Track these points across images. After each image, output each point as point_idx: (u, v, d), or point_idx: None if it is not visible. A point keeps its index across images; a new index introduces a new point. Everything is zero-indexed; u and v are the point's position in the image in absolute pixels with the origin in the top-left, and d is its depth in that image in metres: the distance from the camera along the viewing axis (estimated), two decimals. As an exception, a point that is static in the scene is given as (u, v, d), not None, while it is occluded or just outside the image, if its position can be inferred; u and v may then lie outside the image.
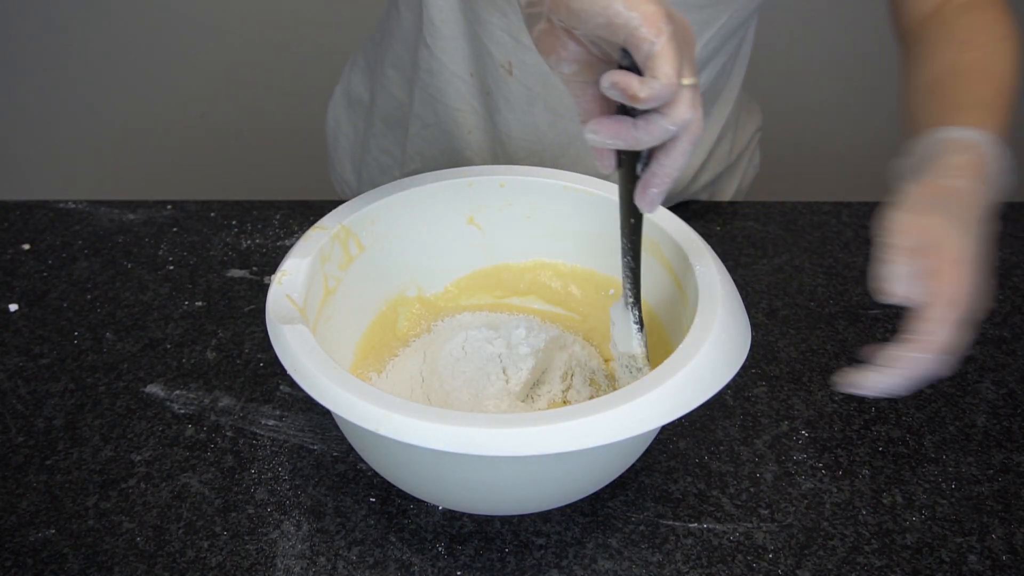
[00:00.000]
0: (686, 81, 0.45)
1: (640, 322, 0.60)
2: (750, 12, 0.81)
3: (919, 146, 0.64)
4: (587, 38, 0.47)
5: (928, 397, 0.73)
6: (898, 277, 0.54)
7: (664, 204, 0.71)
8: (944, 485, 0.65)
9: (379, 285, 0.72)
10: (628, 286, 0.59)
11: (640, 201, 0.51)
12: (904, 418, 0.71)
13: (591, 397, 0.68)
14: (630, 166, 0.51)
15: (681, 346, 0.54)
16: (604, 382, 0.70)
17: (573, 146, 0.87)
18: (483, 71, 0.83)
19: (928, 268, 0.54)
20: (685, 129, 0.47)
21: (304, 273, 0.61)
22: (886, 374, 0.53)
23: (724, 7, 0.78)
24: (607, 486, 0.63)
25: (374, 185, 0.99)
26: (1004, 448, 0.68)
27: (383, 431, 0.49)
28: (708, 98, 0.89)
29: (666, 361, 0.53)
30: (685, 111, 0.45)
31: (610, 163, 0.51)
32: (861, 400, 0.72)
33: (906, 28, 0.78)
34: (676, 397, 0.51)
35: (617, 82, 0.44)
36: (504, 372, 0.67)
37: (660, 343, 0.67)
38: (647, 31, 0.43)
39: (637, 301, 0.60)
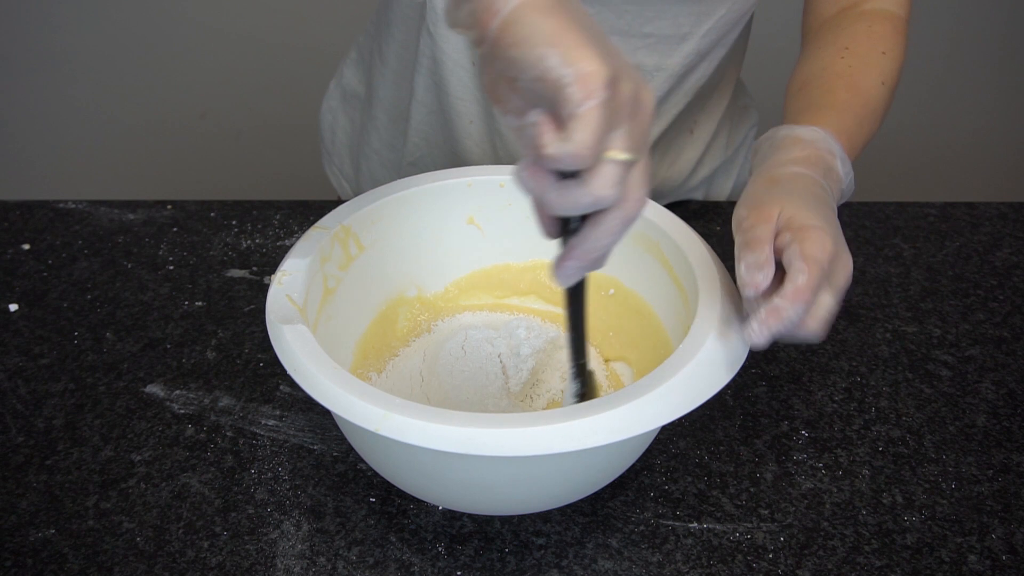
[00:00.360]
0: (616, 156, 0.40)
1: (580, 395, 0.58)
2: (750, 5, 0.81)
3: (763, 143, 0.65)
4: (527, 92, 0.41)
5: (928, 397, 0.73)
6: (752, 268, 0.53)
7: (663, 203, 0.71)
8: (944, 485, 0.65)
9: (379, 285, 0.71)
10: (571, 357, 0.56)
11: (554, 270, 0.46)
12: (904, 418, 0.71)
13: None
14: (567, 236, 0.46)
15: (681, 346, 0.54)
16: (604, 382, 0.70)
17: None
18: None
19: (781, 243, 0.53)
20: (617, 206, 0.42)
21: (304, 273, 0.61)
22: (756, 323, 0.51)
23: (723, 1, 0.78)
24: (607, 486, 0.63)
25: (373, 177, 0.99)
26: (1004, 448, 0.68)
27: (383, 431, 0.49)
28: (705, 91, 0.89)
29: (666, 361, 0.53)
30: (604, 187, 0.40)
31: (551, 230, 0.46)
32: (861, 400, 0.72)
33: (809, 28, 0.81)
34: (676, 397, 0.51)
35: (538, 123, 0.40)
36: (504, 372, 0.67)
37: (660, 343, 0.67)
38: (575, 92, 0.38)
39: (580, 374, 0.57)
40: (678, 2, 0.77)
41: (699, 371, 0.53)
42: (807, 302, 0.51)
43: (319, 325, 0.63)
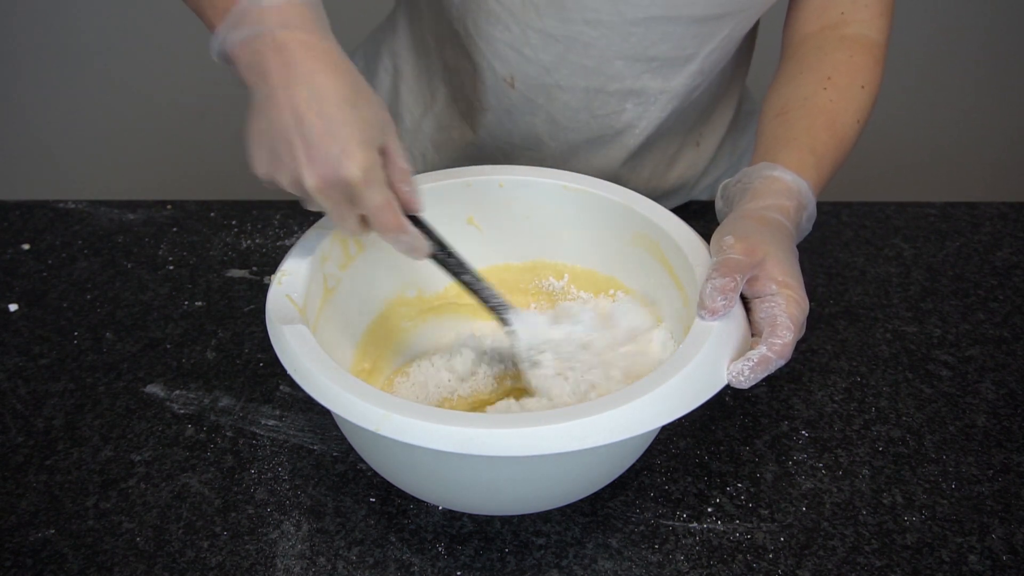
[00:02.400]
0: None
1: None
2: (752, 23, 0.81)
3: (750, 176, 0.67)
4: None
5: (928, 397, 0.73)
6: (717, 291, 0.56)
7: (667, 206, 0.72)
8: (944, 485, 0.65)
9: (378, 285, 0.71)
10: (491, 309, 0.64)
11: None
12: (904, 418, 0.71)
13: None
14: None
15: (681, 346, 0.54)
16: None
17: (575, 155, 0.87)
18: (485, 84, 0.84)
19: (759, 290, 0.58)
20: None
21: (304, 273, 0.61)
22: (747, 368, 0.55)
23: (726, 22, 0.78)
24: (607, 486, 0.63)
25: None
26: (1004, 448, 0.68)
27: (383, 431, 0.49)
28: (710, 106, 0.90)
29: (667, 361, 0.53)
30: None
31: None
32: (861, 400, 0.72)
33: (790, 41, 0.81)
34: (677, 397, 0.51)
35: None
36: (517, 369, 0.67)
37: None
38: None
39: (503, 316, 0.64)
40: (683, 24, 0.77)
41: (699, 371, 0.53)
42: (788, 357, 0.56)
43: (319, 325, 0.63)
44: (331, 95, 0.52)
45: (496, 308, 0.64)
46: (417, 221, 0.59)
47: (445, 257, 0.62)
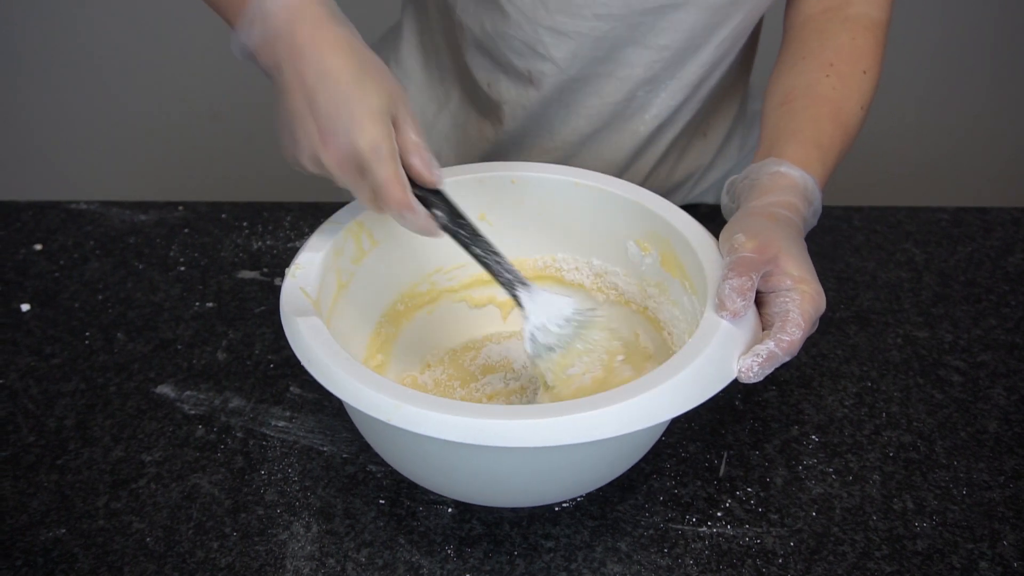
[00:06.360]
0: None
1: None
2: (762, 11, 0.81)
3: (757, 172, 0.67)
4: None
5: (939, 403, 0.73)
6: (735, 292, 0.56)
7: (676, 199, 0.72)
8: (955, 491, 0.65)
9: (391, 279, 0.72)
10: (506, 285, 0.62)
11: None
12: (915, 423, 0.71)
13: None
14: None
15: (690, 341, 0.55)
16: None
17: (586, 144, 0.87)
18: (502, 81, 0.84)
19: (774, 285, 0.58)
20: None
21: (318, 266, 0.61)
22: (756, 364, 0.55)
23: (738, 7, 0.78)
24: (616, 489, 0.63)
25: None
26: (1015, 454, 0.68)
27: (395, 421, 0.49)
28: (717, 96, 0.90)
29: (676, 355, 0.54)
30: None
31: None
32: (871, 405, 0.72)
33: (792, 23, 0.80)
34: (687, 390, 0.52)
35: None
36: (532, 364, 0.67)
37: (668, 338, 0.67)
38: None
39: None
40: (693, 12, 0.77)
41: (709, 365, 0.53)
42: (795, 353, 0.57)
43: (332, 318, 0.63)
44: (338, 73, 0.55)
45: (507, 283, 0.61)
46: (435, 192, 0.60)
47: (456, 229, 0.60)
